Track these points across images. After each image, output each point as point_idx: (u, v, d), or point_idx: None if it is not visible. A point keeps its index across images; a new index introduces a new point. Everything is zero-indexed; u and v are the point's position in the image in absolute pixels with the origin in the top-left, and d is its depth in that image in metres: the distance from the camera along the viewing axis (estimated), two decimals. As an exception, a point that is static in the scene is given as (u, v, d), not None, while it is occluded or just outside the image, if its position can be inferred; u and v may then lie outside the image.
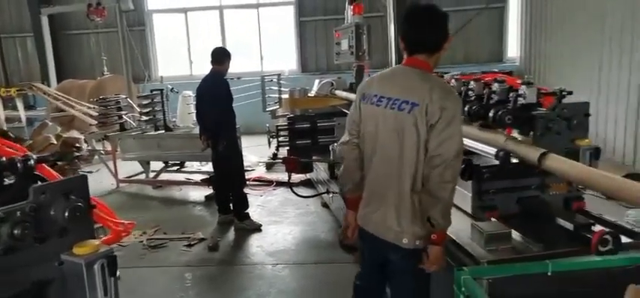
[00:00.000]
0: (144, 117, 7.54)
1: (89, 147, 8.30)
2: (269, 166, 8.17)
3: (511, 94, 2.46)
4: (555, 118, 2.29)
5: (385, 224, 2.29)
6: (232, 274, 4.57)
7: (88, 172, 8.33)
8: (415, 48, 2.28)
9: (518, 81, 2.50)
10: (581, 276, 1.91)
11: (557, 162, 2.07)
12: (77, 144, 8.06)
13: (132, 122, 8.01)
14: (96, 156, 8.42)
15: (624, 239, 2.08)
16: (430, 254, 2.17)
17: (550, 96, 2.37)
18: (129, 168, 7.99)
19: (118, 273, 1.62)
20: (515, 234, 2.16)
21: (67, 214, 1.61)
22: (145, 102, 7.67)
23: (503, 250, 2.08)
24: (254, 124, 9.46)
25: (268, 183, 7.29)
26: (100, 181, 7.97)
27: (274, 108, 8.64)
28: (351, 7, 5.68)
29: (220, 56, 5.47)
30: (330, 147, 5.55)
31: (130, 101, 8.30)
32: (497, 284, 1.90)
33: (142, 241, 5.30)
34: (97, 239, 1.63)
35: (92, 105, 8.32)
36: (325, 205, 6.07)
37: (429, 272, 2.24)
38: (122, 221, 2.39)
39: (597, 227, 2.15)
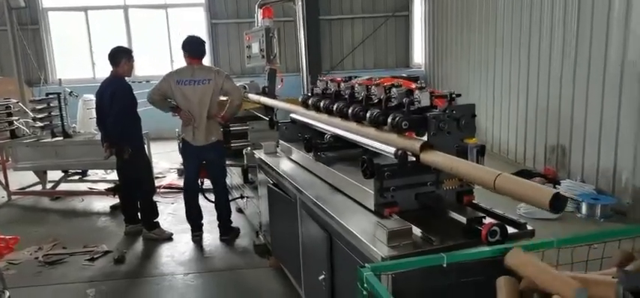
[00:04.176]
0: (38, 123, 6.95)
1: (-27, 157, 7.47)
2: (181, 172, 7.88)
3: (406, 98, 2.59)
4: (446, 119, 2.46)
5: (206, 137, 4.95)
6: (140, 287, 4.37)
7: (-28, 185, 7.50)
8: (197, 55, 4.96)
9: (413, 86, 2.63)
10: (472, 266, 2.06)
11: (433, 156, 2.30)
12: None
13: (25, 128, 7.35)
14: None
15: (511, 230, 2.28)
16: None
17: (442, 98, 2.54)
18: (22, 178, 7.34)
19: (7, 294, 1.48)
20: (416, 230, 2.28)
21: None
22: (40, 106, 7.07)
23: (404, 245, 2.17)
24: (164, 130, 9.06)
25: (180, 189, 7.02)
26: (-13, 194, 7.23)
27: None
28: (261, 10, 5.68)
29: (113, 56, 5.13)
30: (244, 151, 5.50)
31: (23, 105, 7.61)
32: (398, 278, 2.00)
33: (37, 257, 4.87)
34: (-30, 259, 1.47)
35: (-23, 111, 7.52)
36: (240, 210, 5.99)
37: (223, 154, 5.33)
38: (3, 236, 2.17)
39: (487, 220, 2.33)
